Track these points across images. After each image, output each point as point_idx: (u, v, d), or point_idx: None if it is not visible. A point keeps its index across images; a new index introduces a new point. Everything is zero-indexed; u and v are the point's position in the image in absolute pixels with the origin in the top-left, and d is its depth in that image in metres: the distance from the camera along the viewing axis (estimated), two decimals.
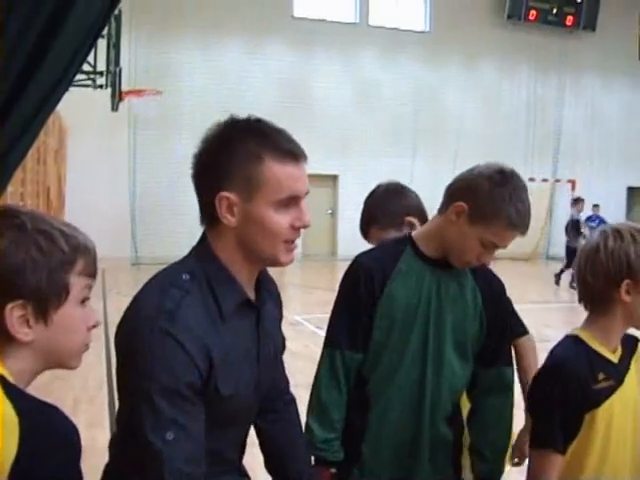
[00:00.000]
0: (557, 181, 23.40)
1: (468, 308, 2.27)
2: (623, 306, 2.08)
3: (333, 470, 2.29)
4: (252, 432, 1.99)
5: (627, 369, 2.14)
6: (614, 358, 2.12)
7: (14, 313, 1.30)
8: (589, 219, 17.09)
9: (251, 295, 1.75)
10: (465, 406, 2.43)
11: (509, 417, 2.36)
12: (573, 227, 16.03)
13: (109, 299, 12.51)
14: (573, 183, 22.81)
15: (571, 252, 15.41)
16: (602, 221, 16.06)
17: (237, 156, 1.63)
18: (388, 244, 2.38)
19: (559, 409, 2.05)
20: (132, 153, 19.02)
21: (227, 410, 1.69)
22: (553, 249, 21.86)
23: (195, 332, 1.58)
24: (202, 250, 1.71)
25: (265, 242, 1.67)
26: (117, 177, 18.94)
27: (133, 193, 19.09)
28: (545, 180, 22.95)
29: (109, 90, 13.61)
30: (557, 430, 2.05)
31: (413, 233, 2.36)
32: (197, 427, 1.59)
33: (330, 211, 21.49)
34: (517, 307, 2.76)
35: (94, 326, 1.47)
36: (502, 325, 2.35)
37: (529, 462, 2.14)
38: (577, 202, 16.65)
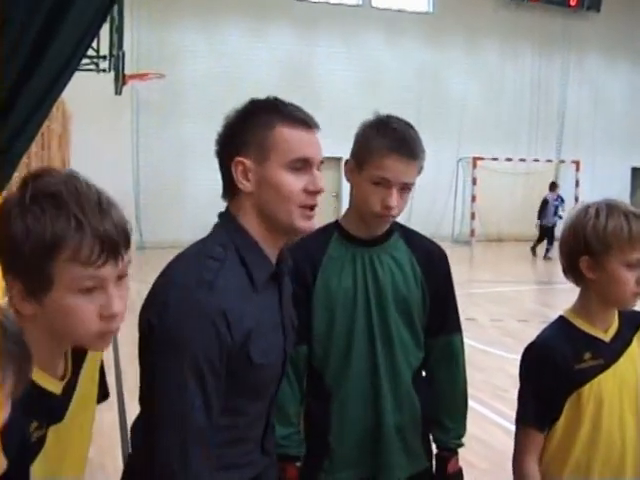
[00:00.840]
0: (561, 162, 23.31)
1: (408, 279, 2.27)
2: (593, 284, 2.04)
3: (297, 464, 2.30)
4: None
5: (625, 347, 2.11)
6: (605, 337, 2.09)
7: (13, 285, 1.28)
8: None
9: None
10: None
11: (463, 382, 2.39)
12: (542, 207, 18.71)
13: None
14: (577, 164, 22.74)
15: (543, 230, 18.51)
16: (562, 199, 18.72)
17: (252, 125, 1.72)
18: (316, 232, 2.38)
19: (536, 388, 2.07)
20: (135, 137, 18.99)
21: (256, 380, 1.73)
22: (558, 230, 21.78)
23: (234, 302, 1.62)
24: (228, 222, 1.76)
25: (280, 206, 1.71)
26: (121, 161, 18.91)
27: (137, 177, 19.08)
28: (549, 161, 22.91)
29: (112, 74, 13.56)
30: (533, 408, 2.07)
31: (339, 218, 2.38)
32: (218, 404, 1.62)
33: (334, 194, 21.45)
34: (520, 288, 2.77)
35: (112, 316, 1.33)
36: (445, 290, 2.36)
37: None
38: (554, 186, 18.98)
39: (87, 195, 1.31)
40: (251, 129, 1.72)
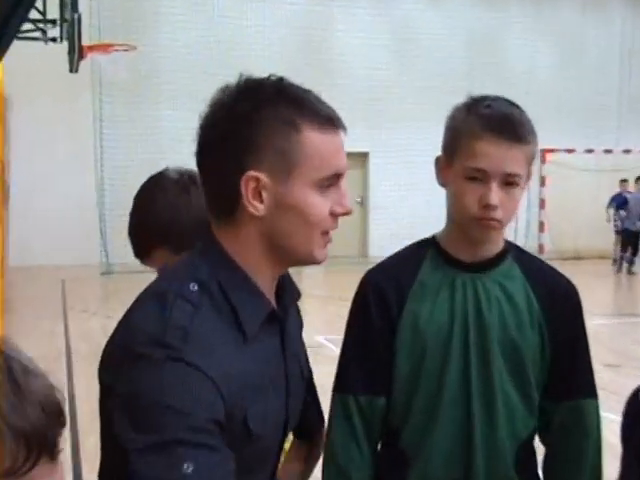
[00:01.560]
0: None
1: (522, 318, 2.22)
2: None
3: None
4: None
5: None
6: None
7: None
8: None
9: (273, 304, 1.78)
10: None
11: (596, 468, 2.30)
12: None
13: (72, 319, 12.56)
14: None
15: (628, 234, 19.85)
16: (625, 199, 19.98)
17: (267, 124, 1.65)
18: (405, 251, 2.36)
19: None
20: (99, 128, 19.09)
21: (254, 452, 1.71)
22: None
23: (215, 355, 1.59)
24: (211, 251, 1.73)
25: (300, 235, 1.69)
26: (79, 159, 19.01)
27: (101, 180, 19.16)
28: None
29: (65, 45, 13.61)
30: None
31: (437, 232, 2.34)
32: (226, 463, 1.58)
33: (359, 199, 21.47)
34: (606, 321, 2.73)
35: None
36: (574, 339, 2.30)
37: None
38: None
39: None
40: (267, 130, 1.65)
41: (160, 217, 2.34)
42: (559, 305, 2.28)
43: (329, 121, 1.70)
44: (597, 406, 2.31)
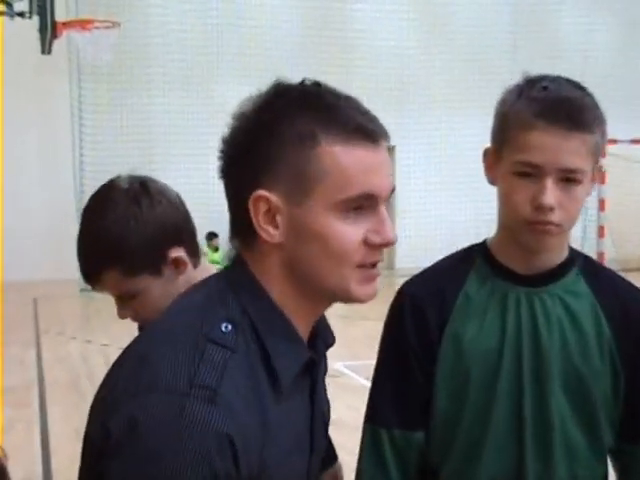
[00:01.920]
0: None
1: (588, 343, 2.19)
2: None
3: None
4: None
5: None
6: None
7: None
8: None
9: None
10: None
11: None
12: None
13: (45, 343, 12.56)
14: None
15: None
16: None
17: (281, 137, 1.64)
18: (450, 259, 2.35)
19: None
20: (77, 121, 19.14)
21: None
22: None
23: (245, 422, 1.57)
24: (241, 281, 1.71)
25: (328, 267, 1.66)
26: (55, 159, 19.06)
27: (80, 182, 19.16)
28: None
29: (36, 21, 13.63)
30: None
31: (489, 237, 2.32)
32: None
33: None
34: None
35: None
36: None
37: None
38: None
39: None
40: (280, 143, 1.64)
41: (110, 232, 2.36)
42: (635, 328, 2.24)
43: (359, 132, 1.65)
44: None
